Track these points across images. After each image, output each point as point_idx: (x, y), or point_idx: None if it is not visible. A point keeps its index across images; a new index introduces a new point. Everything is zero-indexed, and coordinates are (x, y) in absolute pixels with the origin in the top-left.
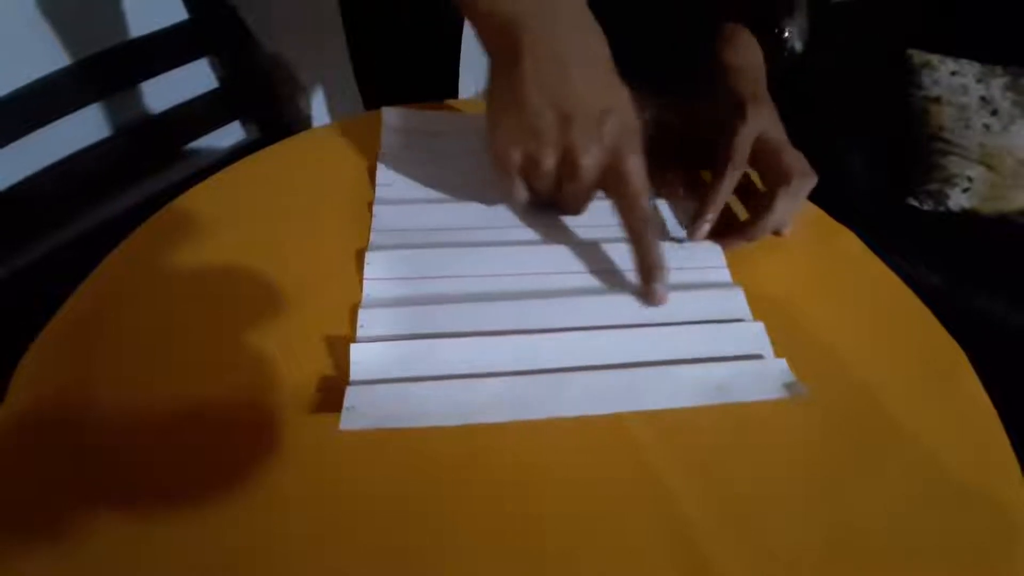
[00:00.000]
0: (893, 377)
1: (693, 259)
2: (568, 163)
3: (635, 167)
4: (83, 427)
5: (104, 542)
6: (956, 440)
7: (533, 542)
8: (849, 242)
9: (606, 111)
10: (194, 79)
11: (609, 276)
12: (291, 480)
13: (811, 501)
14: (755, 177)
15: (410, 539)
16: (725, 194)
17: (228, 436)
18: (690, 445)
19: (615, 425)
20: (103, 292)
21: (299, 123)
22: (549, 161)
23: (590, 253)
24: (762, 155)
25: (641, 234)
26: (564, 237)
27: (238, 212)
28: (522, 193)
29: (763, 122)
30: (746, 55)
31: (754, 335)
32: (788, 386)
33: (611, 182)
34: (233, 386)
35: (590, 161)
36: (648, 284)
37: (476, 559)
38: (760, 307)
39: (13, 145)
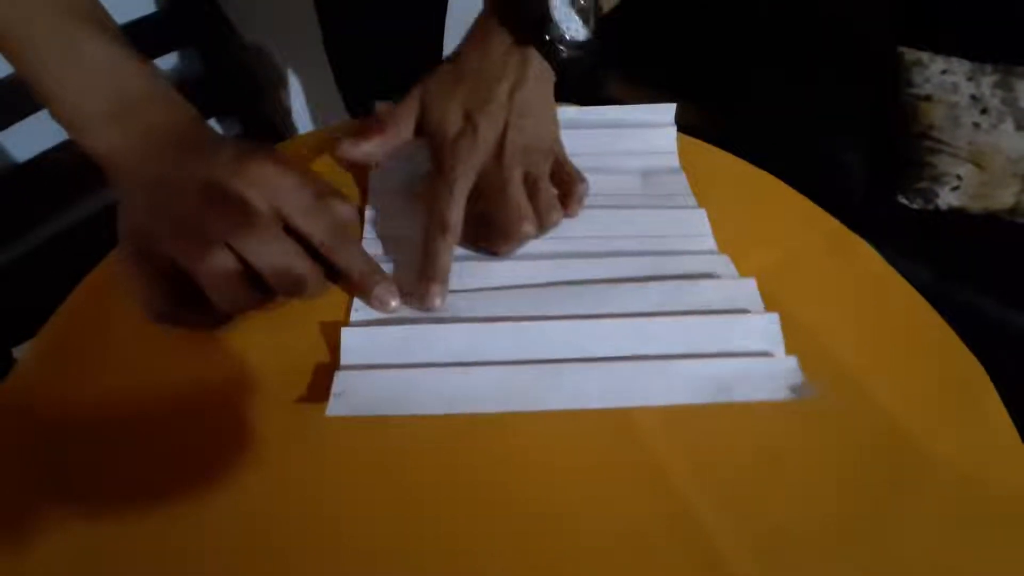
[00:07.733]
0: (917, 399)
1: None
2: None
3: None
4: (76, 424)
5: (99, 547)
6: (984, 462)
7: (533, 543)
8: (869, 257)
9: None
10: (174, 72)
11: (612, 264)
12: (278, 472)
13: (844, 531)
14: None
15: (403, 534)
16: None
17: (214, 425)
18: (721, 479)
19: (641, 460)
20: (89, 301)
21: (281, 118)
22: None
23: (592, 244)
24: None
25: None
26: (567, 232)
27: None
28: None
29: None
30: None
31: (765, 328)
32: (795, 387)
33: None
34: (220, 375)
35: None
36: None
37: (472, 555)
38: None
39: None
